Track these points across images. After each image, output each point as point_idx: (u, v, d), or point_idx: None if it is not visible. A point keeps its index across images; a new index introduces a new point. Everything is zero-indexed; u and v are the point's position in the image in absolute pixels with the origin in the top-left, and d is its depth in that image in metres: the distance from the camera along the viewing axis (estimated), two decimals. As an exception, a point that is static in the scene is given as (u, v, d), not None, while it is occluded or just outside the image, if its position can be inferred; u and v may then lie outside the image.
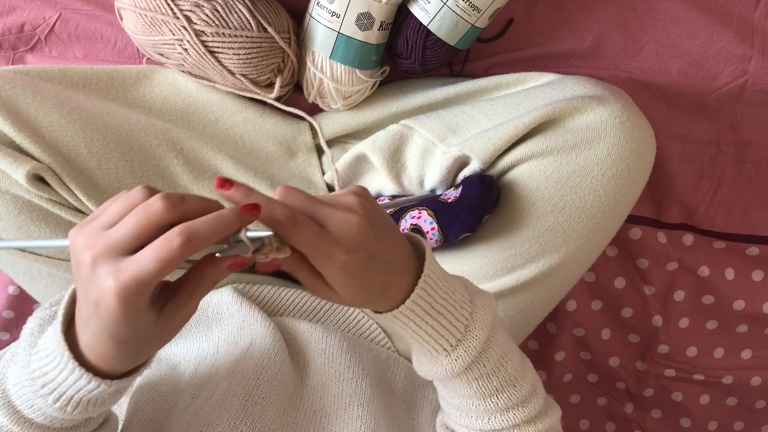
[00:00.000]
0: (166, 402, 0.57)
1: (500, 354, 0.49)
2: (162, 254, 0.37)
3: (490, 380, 0.48)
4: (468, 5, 0.66)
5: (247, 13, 0.66)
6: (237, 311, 0.65)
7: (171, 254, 0.36)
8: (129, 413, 0.56)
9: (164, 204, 0.38)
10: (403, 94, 0.75)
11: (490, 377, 0.48)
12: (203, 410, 0.53)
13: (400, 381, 0.64)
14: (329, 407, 0.57)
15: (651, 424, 1.05)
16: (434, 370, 0.48)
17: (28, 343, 0.45)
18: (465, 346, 0.46)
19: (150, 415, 0.55)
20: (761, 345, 0.97)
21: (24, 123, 0.60)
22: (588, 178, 0.62)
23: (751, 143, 0.83)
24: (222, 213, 0.38)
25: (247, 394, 0.55)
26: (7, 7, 0.76)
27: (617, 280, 0.93)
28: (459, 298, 0.47)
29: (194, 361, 0.61)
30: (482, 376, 0.48)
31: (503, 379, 0.49)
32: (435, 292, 0.46)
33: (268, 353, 0.59)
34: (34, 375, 0.43)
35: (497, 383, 0.48)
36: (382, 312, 0.46)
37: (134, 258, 0.37)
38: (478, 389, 0.48)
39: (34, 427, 0.44)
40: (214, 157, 0.69)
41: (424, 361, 0.49)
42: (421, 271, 0.45)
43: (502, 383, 0.49)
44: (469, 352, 0.47)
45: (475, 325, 0.47)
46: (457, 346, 0.46)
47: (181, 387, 0.58)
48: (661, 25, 0.76)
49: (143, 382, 0.60)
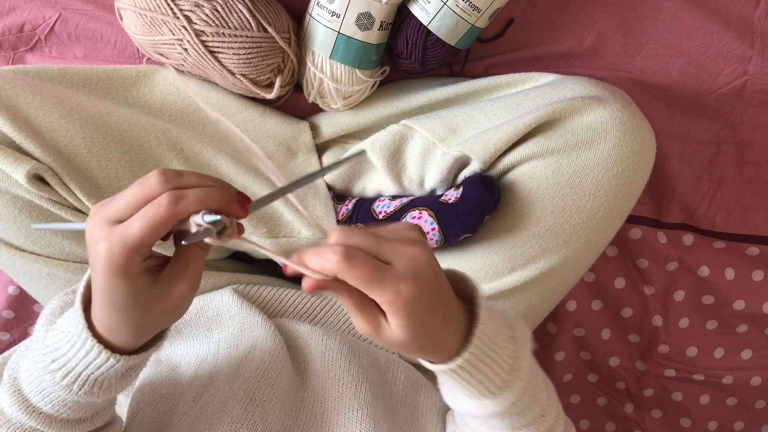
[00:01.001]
0: (167, 404, 0.56)
1: (535, 386, 0.47)
2: (148, 211, 0.37)
3: (524, 414, 0.47)
4: (468, 5, 0.66)
5: (247, 13, 0.66)
6: (237, 313, 0.65)
7: (157, 210, 0.37)
8: (130, 414, 0.56)
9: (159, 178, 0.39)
10: (403, 94, 0.75)
11: (524, 411, 0.47)
12: (204, 414, 0.53)
13: (401, 383, 0.64)
14: (330, 411, 0.57)
15: (651, 424, 1.05)
16: (476, 410, 0.47)
17: (46, 321, 0.46)
18: (510, 388, 0.45)
19: (151, 416, 0.55)
20: (761, 345, 0.97)
21: (24, 123, 0.60)
22: (588, 178, 0.62)
23: (751, 143, 0.83)
24: (214, 189, 0.39)
25: (248, 397, 0.55)
26: (7, 7, 0.76)
27: (617, 280, 0.93)
28: (503, 337, 0.45)
29: (195, 363, 0.61)
30: (518, 412, 0.47)
31: (535, 411, 0.48)
32: (488, 338, 0.43)
33: (269, 356, 0.59)
34: (46, 350, 0.43)
35: (530, 416, 0.47)
36: (433, 363, 0.44)
37: (123, 223, 0.38)
38: (510, 423, 0.47)
39: (41, 417, 0.45)
40: (214, 156, 0.69)
41: (463, 400, 0.48)
42: (471, 317, 0.43)
43: (534, 416, 0.48)
44: (514, 393, 0.45)
45: (519, 365, 0.45)
46: (503, 388, 0.45)
47: (182, 389, 0.58)
48: (661, 25, 0.76)
49: (144, 383, 0.60)
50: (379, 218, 0.70)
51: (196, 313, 0.67)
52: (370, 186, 0.75)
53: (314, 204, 0.72)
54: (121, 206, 0.39)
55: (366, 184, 0.75)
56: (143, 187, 0.39)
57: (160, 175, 0.39)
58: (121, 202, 0.39)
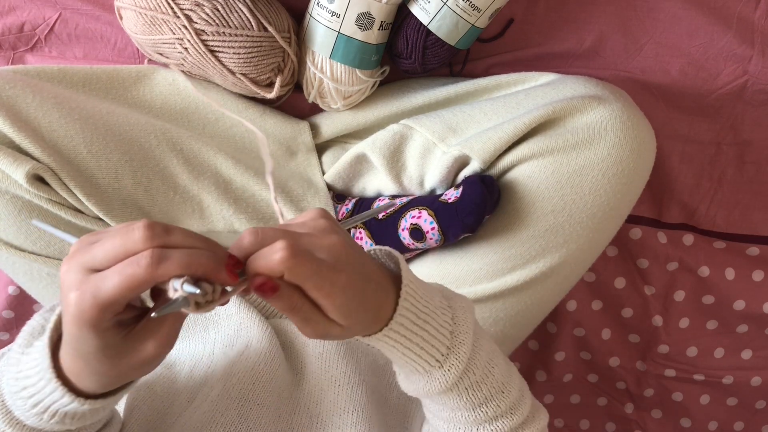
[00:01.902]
0: (162, 402, 0.56)
1: (487, 359, 0.47)
2: (126, 269, 0.35)
3: (480, 388, 0.47)
4: (468, 5, 0.66)
5: (247, 13, 0.66)
6: (235, 313, 0.65)
7: (136, 270, 0.35)
8: (126, 412, 0.56)
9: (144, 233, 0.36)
10: (403, 94, 0.75)
11: (479, 385, 0.47)
12: (197, 414, 0.53)
13: (396, 390, 0.64)
14: (325, 413, 0.57)
15: (651, 424, 1.05)
16: (427, 386, 0.47)
17: (24, 341, 0.44)
18: (455, 353, 0.45)
19: (146, 414, 0.55)
20: (761, 345, 0.97)
21: (24, 123, 0.60)
22: (588, 177, 0.62)
23: (751, 143, 0.83)
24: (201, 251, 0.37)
25: (242, 398, 0.54)
26: (7, 7, 0.76)
27: (617, 280, 0.93)
28: (438, 304, 0.46)
29: (190, 363, 0.61)
30: (472, 385, 0.47)
31: (492, 386, 0.48)
32: (417, 301, 0.44)
33: (264, 357, 0.59)
34: (19, 375, 0.42)
35: (486, 391, 0.47)
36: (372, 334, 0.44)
37: (99, 273, 0.36)
38: (468, 399, 0.47)
39: (25, 430, 0.44)
40: (214, 156, 0.69)
41: (415, 380, 0.48)
42: (400, 284, 0.44)
43: (491, 391, 0.48)
44: (461, 359, 0.45)
45: (459, 330, 0.46)
46: (448, 355, 0.45)
47: (177, 388, 0.58)
48: (661, 25, 0.76)
49: (139, 383, 0.60)
50: (379, 218, 0.70)
51: (195, 315, 0.67)
52: (370, 186, 0.75)
53: (314, 204, 0.72)
54: (100, 255, 0.36)
55: (366, 183, 0.75)
56: (126, 239, 0.36)
57: (146, 229, 0.36)
58: (100, 250, 0.36)
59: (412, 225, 0.66)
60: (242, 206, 0.69)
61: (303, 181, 0.74)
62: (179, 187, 0.68)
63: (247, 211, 0.70)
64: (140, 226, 0.36)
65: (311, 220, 0.42)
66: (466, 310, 0.47)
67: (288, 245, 0.37)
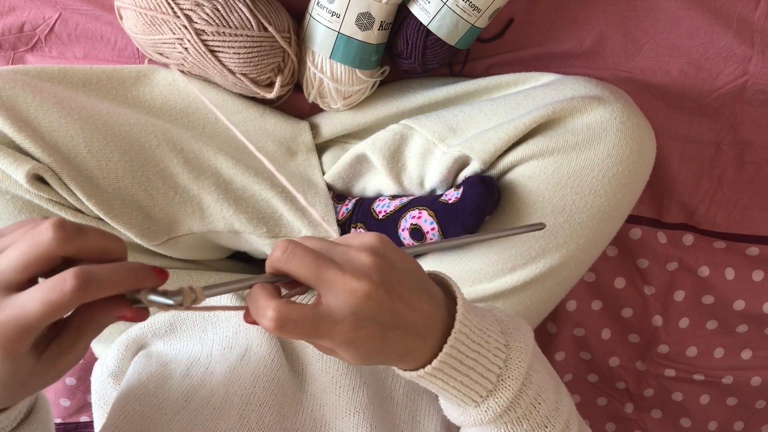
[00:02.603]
0: (156, 398, 0.56)
1: (534, 396, 0.45)
2: (50, 296, 0.32)
3: (520, 423, 0.45)
4: (468, 5, 0.66)
5: (247, 12, 0.66)
6: (234, 314, 0.65)
7: (61, 298, 0.32)
8: (117, 406, 0.55)
9: (55, 234, 0.33)
10: (403, 94, 0.75)
11: (520, 421, 0.45)
12: (198, 418, 0.53)
13: (401, 388, 0.64)
14: (328, 415, 0.57)
15: (651, 424, 1.05)
16: (461, 418, 0.46)
17: None
18: (496, 398, 0.44)
19: (139, 410, 0.54)
20: (761, 345, 0.97)
21: (24, 123, 0.60)
22: (588, 178, 0.62)
23: (751, 143, 0.83)
24: (132, 266, 0.35)
25: (243, 402, 0.54)
26: (7, 7, 0.76)
27: (617, 280, 0.93)
28: (494, 345, 0.44)
29: (186, 362, 0.61)
30: (511, 421, 0.45)
31: (534, 421, 0.45)
32: (467, 347, 0.42)
33: (264, 359, 0.59)
34: None
35: (527, 426, 0.45)
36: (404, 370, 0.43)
37: (19, 297, 0.33)
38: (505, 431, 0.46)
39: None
40: (214, 156, 0.69)
41: (450, 407, 0.47)
42: (451, 324, 0.42)
43: (533, 425, 0.45)
44: (500, 404, 0.44)
45: (509, 374, 0.44)
46: (488, 398, 0.44)
47: (171, 385, 0.57)
48: (661, 25, 0.76)
49: (132, 379, 0.59)
50: (379, 218, 0.70)
51: (193, 313, 0.66)
52: (370, 186, 0.75)
53: (314, 204, 0.72)
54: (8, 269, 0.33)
55: (366, 183, 0.75)
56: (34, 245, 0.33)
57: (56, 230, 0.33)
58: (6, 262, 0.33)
59: (413, 225, 0.66)
60: (242, 206, 0.69)
61: (303, 181, 0.74)
62: (179, 187, 0.68)
63: (247, 211, 0.70)
64: (48, 227, 0.34)
65: (357, 250, 0.40)
66: (523, 350, 0.45)
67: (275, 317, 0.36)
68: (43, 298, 0.32)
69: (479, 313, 0.45)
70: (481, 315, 0.45)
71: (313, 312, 0.37)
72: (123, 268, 0.35)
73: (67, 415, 0.97)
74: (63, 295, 0.32)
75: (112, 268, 0.34)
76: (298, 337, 0.37)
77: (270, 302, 0.37)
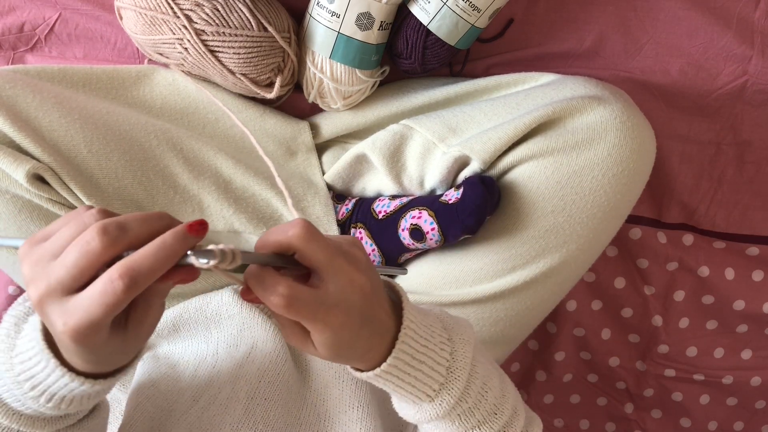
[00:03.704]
0: (166, 400, 0.57)
1: (480, 385, 0.47)
2: (106, 299, 0.35)
3: (473, 414, 0.47)
4: (468, 5, 0.66)
5: (247, 13, 0.66)
6: (237, 313, 0.65)
7: (116, 299, 0.35)
8: (129, 409, 0.56)
9: (101, 242, 0.36)
10: (403, 94, 0.75)
11: (472, 411, 0.47)
12: (206, 414, 0.53)
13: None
14: (332, 410, 0.57)
15: (651, 424, 1.05)
16: (417, 415, 0.47)
17: (6, 346, 0.43)
18: (448, 389, 0.46)
19: (151, 412, 0.55)
20: (761, 345, 0.97)
21: (24, 122, 0.60)
22: (588, 178, 0.62)
23: (751, 143, 0.83)
24: (164, 240, 0.36)
25: (249, 397, 0.55)
26: (7, 7, 0.76)
27: (617, 280, 0.93)
28: (438, 339, 0.46)
29: (194, 362, 0.61)
30: (464, 412, 0.47)
31: (484, 410, 0.48)
32: (416, 342, 0.44)
33: (270, 356, 0.59)
34: (20, 379, 0.42)
35: (479, 415, 0.47)
36: (360, 370, 0.45)
37: (80, 300, 0.36)
38: (460, 424, 0.47)
39: (23, 419, 0.44)
40: (214, 156, 0.69)
41: (405, 407, 0.48)
42: (399, 324, 0.44)
43: (484, 414, 0.48)
44: (453, 394, 0.46)
45: (456, 365, 0.46)
46: (440, 391, 0.45)
47: (181, 386, 0.58)
48: (661, 25, 0.76)
49: (143, 380, 0.60)
50: (379, 218, 0.70)
51: (195, 312, 0.67)
52: (369, 186, 0.75)
53: (314, 204, 0.72)
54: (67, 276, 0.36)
55: (366, 183, 0.75)
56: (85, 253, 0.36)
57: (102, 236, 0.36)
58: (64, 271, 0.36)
59: (413, 225, 0.66)
60: (242, 206, 0.69)
61: (303, 181, 0.74)
62: (179, 186, 0.68)
63: (247, 210, 0.70)
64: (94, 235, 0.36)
65: (348, 245, 0.42)
66: (466, 342, 0.47)
67: (286, 294, 0.38)
68: (101, 301, 0.35)
69: (422, 311, 0.47)
70: (424, 314, 0.47)
71: (317, 295, 0.39)
72: (163, 249, 0.36)
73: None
74: (116, 296, 0.35)
75: (153, 253, 0.36)
76: (298, 317, 0.39)
77: (280, 279, 0.39)
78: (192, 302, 0.67)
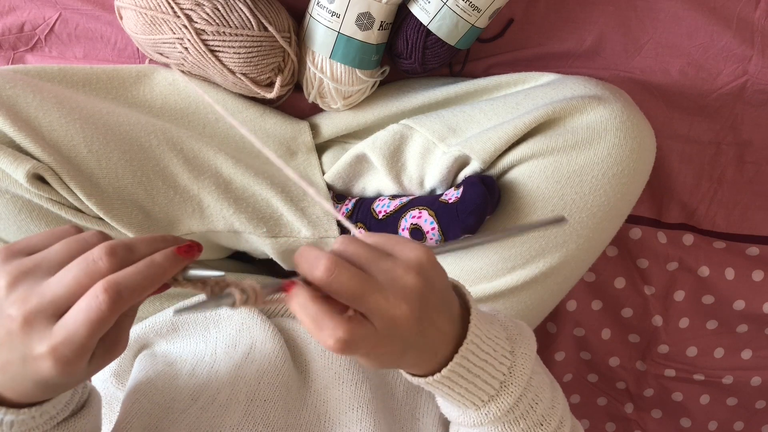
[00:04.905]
0: (164, 397, 0.56)
1: (532, 397, 0.46)
2: (90, 316, 0.34)
3: (517, 423, 0.46)
4: (468, 5, 0.66)
5: (247, 12, 0.66)
6: (236, 312, 0.65)
7: (100, 315, 0.34)
8: (126, 406, 0.56)
9: (110, 264, 0.35)
10: (403, 94, 0.75)
11: (517, 421, 0.46)
12: (205, 415, 0.53)
13: (401, 385, 0.64)
14: (332, 410, 0.57)
15: (651, 424, 1.05)
16: (461, 418, 0.47)
17: None
18: (497, 402, 0.45)
19: (148, 408, 0.55)
20: (761, 345, 0.97)
21: (24, 122, 0.60)
22: (588, 177, 0.62)
23: (751, 143, 0.83)
24: (153, 259, 0.36)
25: (249, 399, 0.55)
26: (7, 7, 0.76)
27: (617, 280, 0.93)
28: (500, 353, 0.44)
29: (191, 362, 0.61)
30: (509, 421, 0.46)
31: (531, 420, 0.47)
32: (476, 357, 0.43)
33: (269, 357, 0.59)
34: None
35: (524, 425, 0.46)
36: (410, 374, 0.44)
37: (64, 322, 0.34)
38: (503, 430, 0.47)
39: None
40: (214, 156, 0.69)
41: (449, 407, 0.48)
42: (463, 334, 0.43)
43: (529, 424, 0.47)
44: (501, 408, 0.45)
45: (512, 381, 0.45)
46: (489, 402, 0.45)
47: (179, 384, 0.58)
48: (661, 25, 0.76)
49: (140, 377, 0.60)
50: (379, 218, 0.70)
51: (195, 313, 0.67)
52: (370, 186, 0.75)
53: (314, 204, 0.72)
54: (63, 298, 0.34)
55: (366, 183, 0.75)
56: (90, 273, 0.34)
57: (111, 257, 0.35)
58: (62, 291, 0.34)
59: (413, 225, 0.66)
60: (242, 206, 0.69)
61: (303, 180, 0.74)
62: (179, 186, 0.68)
63: (247, 210, 0.70)
64: (101, 255, 0.35)
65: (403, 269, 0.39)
66: (527, 357, 0.46)
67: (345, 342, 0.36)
68: (85, 319, 0.34)
69: (487, 320, 0.45)
70: (489, 322, 0.45)
71: (372, 331, 0.38)
72: (151, 267, 0.35)
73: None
74: (101, 313, 0.34)
75: (140, 271, 0.35)
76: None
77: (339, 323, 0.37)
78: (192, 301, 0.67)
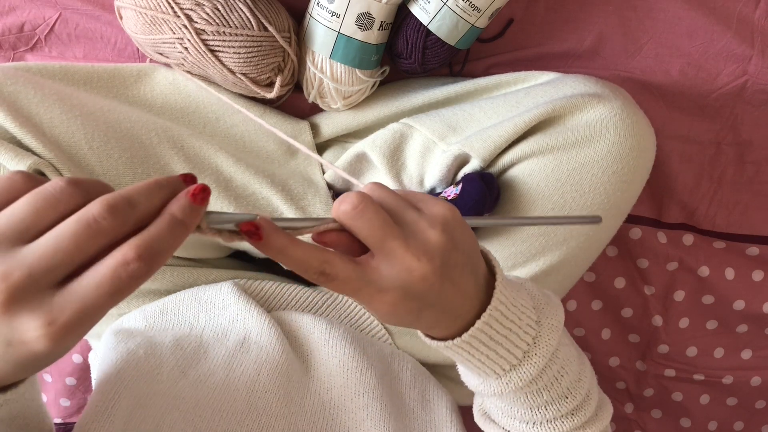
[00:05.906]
0: (148, 362, 0.56)
1: (557, 369, 0.45)
2: (119, 285, 0.28)
3: (541, 394, 0.45)
4: (468, 5, 0.66)
5: (247, 12, 0.66)
6: (232, 303, 0.65)
7: (130, 285, 0.29)
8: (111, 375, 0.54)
9: (113, 221, 0.29)
10: (403, 93, 0.75)
11: (541, 392, 0.45)
12: (201, 392, 0.53)
13: (408, 371, 0.64)
14: (337, 397, 0.58)
15: (651, 424, 1.05)
16: (480, 387, 0.46)
17: None
18: (519, 372, 0.44)
19: (134, 375, 0.54)
20: (761, 345, 0.97)
21: (25, 119, 0.60)
22: (588, 175, 0.62)
23: (751, 143, 0.83)
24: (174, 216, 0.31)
25: (249, 389, 0.55)
26: (7, 7, 0.76)
27: (617, 280, 0.93)
28: (525, 322, 0.43)
29: (172, 336, 0.61)
30: (533, 392, 0.45)
31: (555, 392, 0.46)
32: (500, 324, 0.42)
33: (266, 348, 0.59)
34: None
35: (548, 397, 0.46)
36: (428, 337, 0.43)
37: (75, 290, 0.29)
38: (525, 401, 0.46)
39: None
40: (215, 155, 0.69)
41: (469, 375, 0.47)
42: (487, 299, 0.41)
43: (553, 396, 0.46)
44: (523, 378, 0.44)
45: (536, 352, 0.43)
46: (510, 371, 0.44)
47: (162, 353, 0.57)
48: (661, 25, 0.76)
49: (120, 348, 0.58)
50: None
51: (189, 295, 0.67)
52: (369, 185, 0.75)
53: (314, 203, 0.72)
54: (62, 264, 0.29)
55: (366, 182, 0.75)
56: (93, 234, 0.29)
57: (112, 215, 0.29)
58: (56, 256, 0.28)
59: (413, 224, 0.66)
60: (242, 204, 0.69)
61: (303, 180, 0.74)
62: (180, 185, 0.68)
63: (247, 209, 0.70)
64: (101, 212, 0.29)
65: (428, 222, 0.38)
66: (554, 328, 0.44)
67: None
68: (111, 287, 0.28)
69: (515, 287, 0.44)
70: (516, 290, 0.44)
71: (360, 274, 0.37)
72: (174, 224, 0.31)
73: (67, 415, 0.97)
74: (131, 282, 0.29)
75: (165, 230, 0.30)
76: (338, 292, 0.37)
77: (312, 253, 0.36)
78: (190, 289, 0.68)
